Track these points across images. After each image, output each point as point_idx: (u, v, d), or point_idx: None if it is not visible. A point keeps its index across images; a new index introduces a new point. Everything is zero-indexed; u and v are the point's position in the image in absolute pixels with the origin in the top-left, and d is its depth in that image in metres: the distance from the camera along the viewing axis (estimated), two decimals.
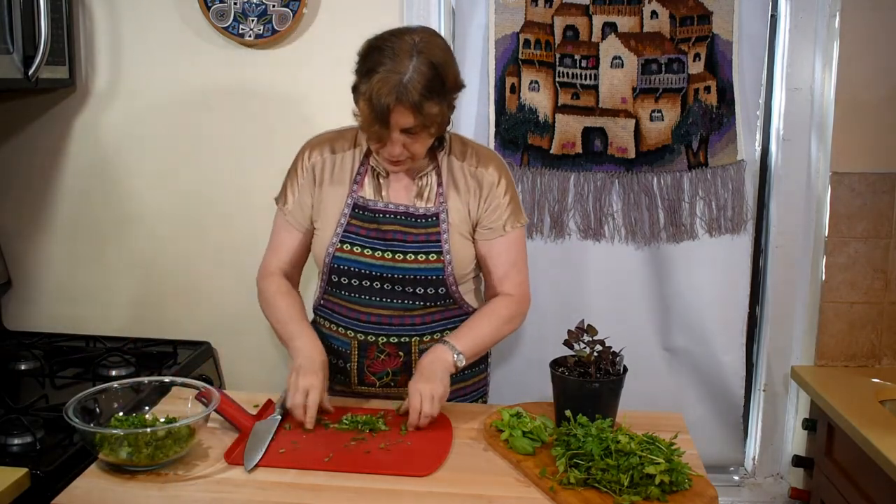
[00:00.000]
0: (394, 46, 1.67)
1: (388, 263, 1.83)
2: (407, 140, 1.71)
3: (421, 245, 1.83)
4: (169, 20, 2.44)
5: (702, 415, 2.54)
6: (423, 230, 1.84)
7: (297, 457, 1.60)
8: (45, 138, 2.53)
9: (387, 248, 1.83)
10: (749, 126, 2.41)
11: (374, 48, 1.70)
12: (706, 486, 1.50)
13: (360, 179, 1.86)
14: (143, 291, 2.60)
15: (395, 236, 1.83)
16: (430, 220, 1.84)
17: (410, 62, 1.65)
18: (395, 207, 1.84)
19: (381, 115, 1.65)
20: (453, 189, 1.86)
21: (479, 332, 1.84)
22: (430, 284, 1.84)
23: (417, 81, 1.64)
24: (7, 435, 1.75)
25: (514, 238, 1.91)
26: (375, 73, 1.65)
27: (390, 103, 1.64)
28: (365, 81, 1.67)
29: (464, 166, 1.87)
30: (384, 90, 1.63)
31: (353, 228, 1.85)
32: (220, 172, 2.52)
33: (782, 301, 2.52)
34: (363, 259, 1.84)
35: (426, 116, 1.67)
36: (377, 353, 1.89)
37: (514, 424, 1.67)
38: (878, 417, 2.05)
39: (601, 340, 1.74)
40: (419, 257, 1.83)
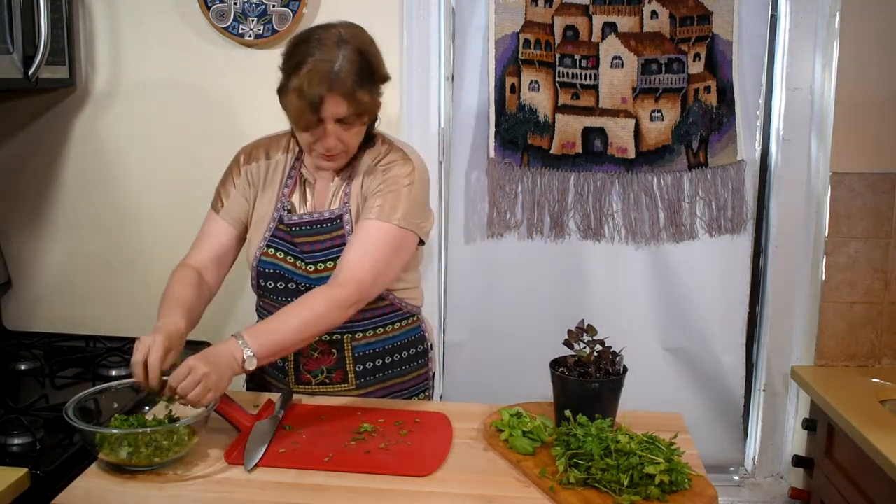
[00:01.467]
0: (320, 38, 1.68)
1: (306, 274, 1.83)
2: (340, 131, 1.71)
3: (328, 252, 1.82)
4: (169, 20, 2.44)
5: (702, 415, 2.54)
6: (328, 235, 1.82)
7: (297, 457, 1.60)
8: (45, 138, 2.53)
9: (301, 258, 1.84)
10: (749, 126, 2.41)
11: (300, 42, 1.71)
12: (706, 486, 1.50)
13: (291, 184, 1.87)
14: (143, 291, 2.60)
15: (304, 248, 1.83)
16: (335, 223, 1.82)
17: (339, 51, 1.66)
18: (300, 217, 1.83)
19: (313, 106, 1.65)
20: (356, 188, 1.83)
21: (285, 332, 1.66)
22: None
23: (348, 69, 1.65)
24: (7, 435, 1.75)
25: (376, 228, 1.74)
26: (304, 65, 1.66)
27: (322, 93, 1.64)
28: (294, 75, 1.67)
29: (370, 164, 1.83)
30: (315, 79, 1.64)
31: (280, 234, 1.85)
32: (220, 172, 2.50)
33: (782, 301, 2.52)
34: (285, 265, 1.85)
35: (359, 104, 1.67)
36: (311, 352, 1.89)
37: (514, 424, 1.67)
38: (878, 417, 2.05)
39: (601, 340, 1.74)
40: (328, 265, 1.81)
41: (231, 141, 2.49)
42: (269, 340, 1.64)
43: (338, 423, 1.74)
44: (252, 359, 1.60)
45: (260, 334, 1.64)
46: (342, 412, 1.79)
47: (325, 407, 1.83)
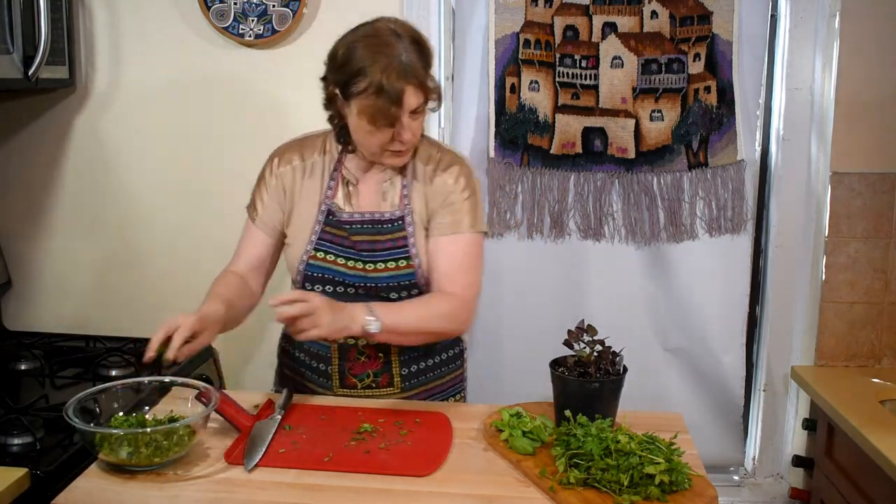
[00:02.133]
0: (376, 35, 1.68)
1: (360, 273, 1.82)
2: (411, 123, 1.71)
3: (389, 252, 1.82)
4: (169, 20, 2.44)
5: (702, 415, 2.54)
6: (389, 235, 1.82)
7: (297, 457, 1.60)
8: (45, 138, 2.53)
9: (357, 258, 1.82)
10: (749, 126, 2.41)
11: (354, 43, 1.70)
12: (706, 486, 1.50)
13: (334, 186, 1.85)
14: (143, 291, 2.60)
15: (363, 246, 1.82)
16: (396, 225, 1.83)
17: (400, 43, 1.66)
18: (361, 216, 1.83)
19: (396, 101, 1.64)
20: (417, 194, 1.84)
21: (407, 313, 1.73)
22: (403, 290, 1.83)
23: (415, 59, 1.66)
24: (7, 435, 1.75)
25: (468, 240, 1.82)
26: (375, 63, 1.64)
27: (402, 86, 1.64)
28: (363, 76, 1.66)
29: (427, 170, 1.84)
30: (394, 74, 1.63)
31: (328, 236, 1.83)
32: (220, 172, 2.52)
33: (782, 301, 2.52)
34: (336, 267, 1.83)
35: (429, 91, 1.69)
36: (357, 356, 1.88)
37: (514, 424, 1.67)
38: (878, 417, 2.05)
39: (601, 340, 1.74)
40: (389, 265, 1.82)
41: (231, 141, 2.50)
42: (395, 317, 1.70)
43: (338, 423, 1.74)
44: (376, 323, 1.66)
45: (388, 309, 1.71)
46: (342, 412, 1.79)
47: (325, 407, 1.83)
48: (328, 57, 1.78)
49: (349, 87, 1.69)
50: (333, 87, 1.75)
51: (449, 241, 1.81)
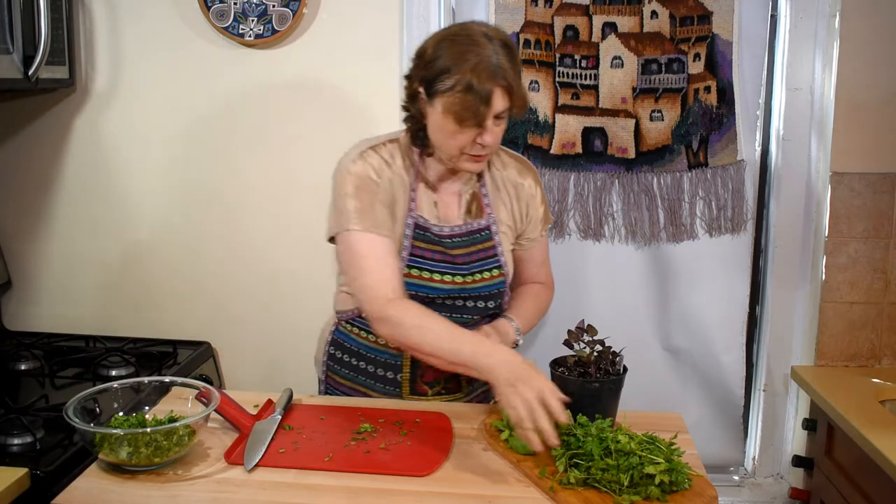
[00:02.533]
0: (468, 34, 1.65)
1: (457, 286, 1.81)
2: (494, 127, 1.68)
3: (483, 262, 1.83)
4: (169, 20, 2.44)
5: (702, 415, 2.54)
6: (480, 245, 1.83)
7: (297, 457, 1.60)
8: (45, 138, 2.53)
9: (455, 272, 1.81)
10: (749, 126, 2.41)
11: (444, 40, 1.66)
12: (706, 486, 1.50)
13: (415, 196, 1.79)
14: (143, 291, 2.60)
15: (463, 259, 1.81)
16: (484, 234, 1.83)
17: (492, 45, 1.63)
18: (460, 229, 1.81)
19: (486, 101, 1.61)
20: (499, 201, 1.86)
21: (530, 313, 1.91)
22: (491, 298, 1.85)
23: (506, 63, 1.63)
24: (7, 435, 1.75)
25: (544, 240, 2.01)
26: (465, 62, 1.61)
27: (492, 87, 1.61)
28: (451, 74, 1.62)
29: (504, 176, 1.87)
30: (484, 74, 1.60)
31: (418, 251, 1.78)
32: (219, 172, 2.52)
33: (782, 301, 2.52)
34: (432, 284, 1.79)
35: (516, 97, 1.65)
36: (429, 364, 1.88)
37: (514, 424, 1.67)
38: (878, 417, 2.05)
39: (601, 340, 1.74)
40: (483, 275, 1.83)
41: (230, 141, 2.50)
42: (524, 322, 1.87)
43: (338, 423, 1.74)
44: (520, 336, 1.84)
45: (520, 318, 1.87)
46: (342, 412, 1.79)
47: (325, 407, 1.83)
48: (415, 54, 1.74)
49: (435, 83, 1.66)
50: (418, 84, 1.71)
51: (535, 246, 1.97)
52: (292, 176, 2.48)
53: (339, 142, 2.43)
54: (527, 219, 1.91)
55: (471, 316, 1.85)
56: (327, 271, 2.47)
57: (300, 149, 2.47)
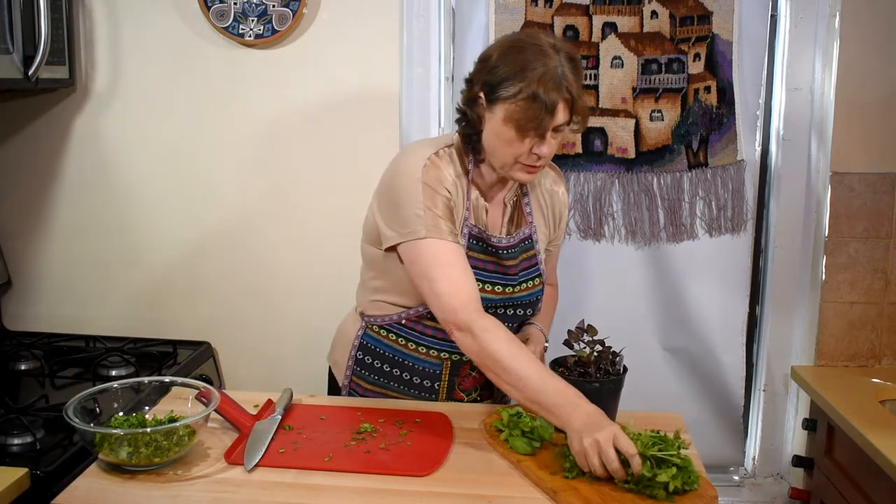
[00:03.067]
0: (536, 43, 1.63)
1: (506, 296, 1.81)
2: (552, 140, 1.66)
3: (527, 272, 1.84)
4: (169, 20, 2.44)
5: (702, 415, 2.54)
6: (525, 255, 1.84)
7: (297, 457, 1.60)
8: (45, 138, 2.53)
9: (507, 283, 1.81)
10: (749, 126, 2.41)
11: (512, 47, 1.65)
12: (706, 486, 1.50)
13: (469, 205, 1.76)
14: (143, 291, 2.60)
15: (516, 270, 1.82)
16: (528, 244, 1.85)
17: (558, 57, 1.62)
18: (516, 240, 1.82)
19: (550, 111, 1.60)
20: (537, 209, 1.88)
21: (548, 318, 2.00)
22: (530, 307, 1.87)
23: (571, 76, 1.62)
24: (7, 435, 1.75)
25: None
26: (533, 70, 1.60)
27: (557, 98, 1.60)
28: (516, 81, 1.61)
29: (542, 184, 1.88)
30: (551, 84, 1.59)
31: (472, 262, 1.73)
32: (219, 172, 2.52)
33: (782, 301, 2.52)
34: (483, 294, 1.74)
35: (578, 110, 1.64)
36: (469, 372, 1.88)
37: (514, 424, 1.67)
38: (878, 417, 2.05)
39: (601, 340, 1.74)
40: (528, 284, 1.84)
41: (230, 141, 2.50)
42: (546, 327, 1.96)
43: (338, 423, 1.74)
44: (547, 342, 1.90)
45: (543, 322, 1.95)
46: (342, 412, 1.79)
47: (325, 407, 1.83)
48: (480, 58, 1.72)
49: (498, 89, 1.63)
50: (479, 88, 1.68)
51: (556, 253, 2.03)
52: (292, 175, 2.48)
53: (339, 142, 2.45)
54: (558, 227, 1.93)
55: (509, 324, 1.83)
56: (328, 271, 2.47)
57: (300, 148, 2.47)
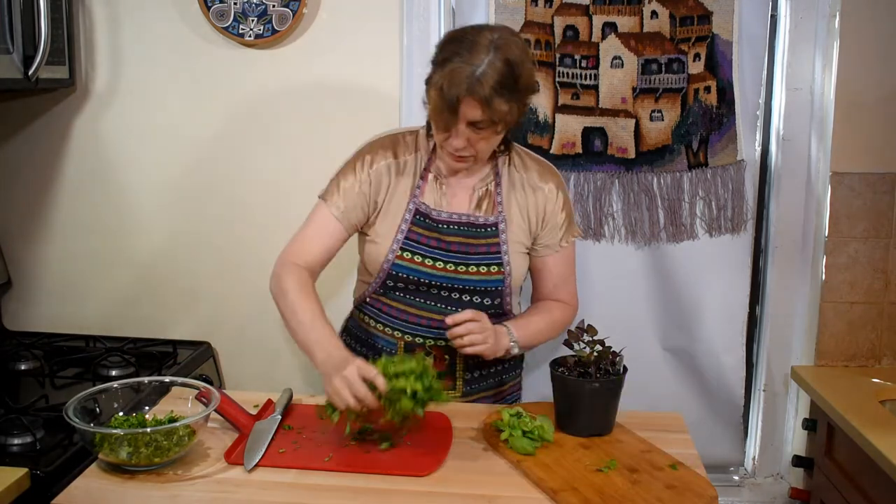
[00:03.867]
0: (472, 39, 1.67)
1: (449, 274, 1.83)
2: (472, 135, 1.70)
3: (482, 256, 1.84)
4: (169, 20, 2.44)
5: (702, 415, 2.53)
6: (483, 240, 1.84)
7: (297, 457, 1.60)
8: (45, 138, 2.53)
9: (448, 260, 1.83)
10: (749, 126, 2.41)
11: (453, 39, 1.71)
12: (706, 486, 1.50)
13: (422, 185, 1.85)
14: (144, 291, 2.60)
15: (458, 248, 1.83)
16: (490, 230, 1.84)
17: (486, 56, 1.65)
18: (459, 217, 1.84)
19: (450, 106, 1.65)
20: (514, 202, 1.86)
21: (536, 327, 1.87)
22: (487, 295, 1.85)
23: (490, 76, 1.64)
24: (7, 435, 1.75)
25: (568, 251, 1.95)
26: (449, 63, 1.65)
27: (460, 94, 1.64)
28: (439, 71, 1.67)
29: (524, 179, 1.88)
30: (456, 80, 1.63)
31: (415, 236, 1.83)
32: (220, 172, 2.52)
33: (782, 301, 2.52)
34: (423, 269, 1.83)
35: (494, 112, 1.66)
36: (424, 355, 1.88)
37: (514, 424, 1.67)
38: (878, 417, 2.05)
39: (601, 340, 1.74)
40: (481, 269, 1.83)
41: (231, 141, 2.50)
42: (527, 335, 1.84)
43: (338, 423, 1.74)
44: (516, 345, 1.81)
45: (522, 329, 1.84)
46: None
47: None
48: None
49: (430, 75, 1.71)
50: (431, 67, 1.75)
51: (553, 258, 1.93)
52: (292, 175, 2.48)
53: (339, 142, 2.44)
54: (543, 223, 1.90)
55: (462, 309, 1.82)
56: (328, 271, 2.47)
57: (300, 148, 2.47)
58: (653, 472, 1.56)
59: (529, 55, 1.75)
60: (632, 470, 1.56)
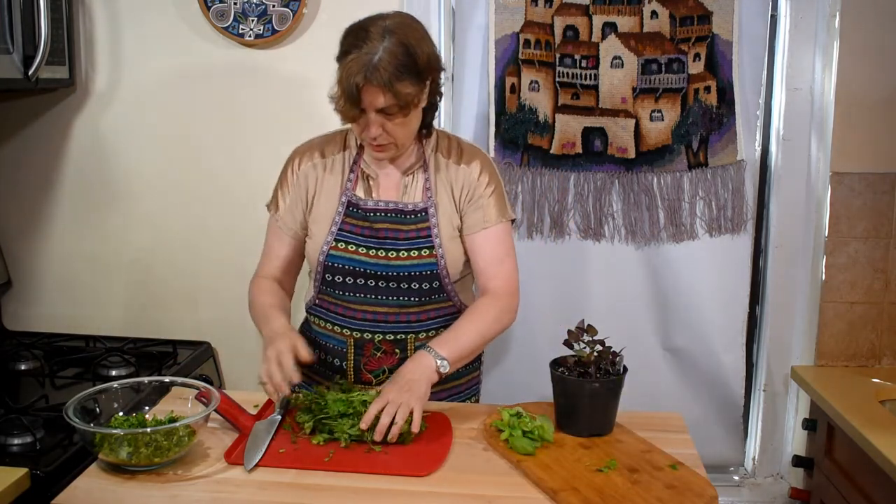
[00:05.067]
0: (367, 29, 1.70)
1: (381, 261, 1.84)
2: (384, 121, 1.73)
3: (412, 241, 1.85)
4: (169, 20, 2.44)
5: (702, 415, 2.53)
6: (412, 226, 1.85)
7: (297, 457, 1.60)
8: (45, 138, 2.53)
9: (380, 247, 1.85)
10: (749, 126, 2.41)
11: (350, 32, 1.74)
12: (706, 486, 1.50)
13: (354, 179, 1.89)
14: (144, 291, 2.60)
15: (387, 234, 1.85)
16: (420, 216, 1.85)
17: (381, 43, 1.68)
18: (385, 205, 1.86)
19: (351, 96, 1.68)
20: (442, 186, 1.87)
21: (464, 337, 1.80)
22: (423, 280, 1.85)
23: (387, 61, 1.66)
24: (7, 435, 1.75)
25: (498, 232, 1.88)
26: (348, 55, 1.69)
27: (359, 82, 1.67)
28: (340, 65, 1.71)
29: (449, 163, 1.89)
30: (353, 70, 1.67)
31: (348, 227, 1.86)
32: (219, 172, 2.52)
33: (782, 301, 2.52)
34: (357, 257, 1.85)
35: (398, 96, 1.69)
36: (373, 351, 1.90)
37: (514, 424, 1.67)
38: (878, 417, 2.05)
39: (601, 340, 1.74)
40: (412, 253, 1.84)
41: (230, 141, 2.50)
42: (456, 346, 1.78)
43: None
44: (445, 363, 1.74)
45: (446, 343, 1.77)
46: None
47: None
48: None
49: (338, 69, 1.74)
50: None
51: (482, 237, 1.88)
52: None
53: None
54: (466, 202, 1.87)
55: (402, 298, 1.86)
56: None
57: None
58: (653, 472, 1.56)
59: (427, 35, 1.77)
60: (632, 470, 1.56)
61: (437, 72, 1.79)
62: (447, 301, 1.90)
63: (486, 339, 1.85)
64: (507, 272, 1.88)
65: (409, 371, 1.73)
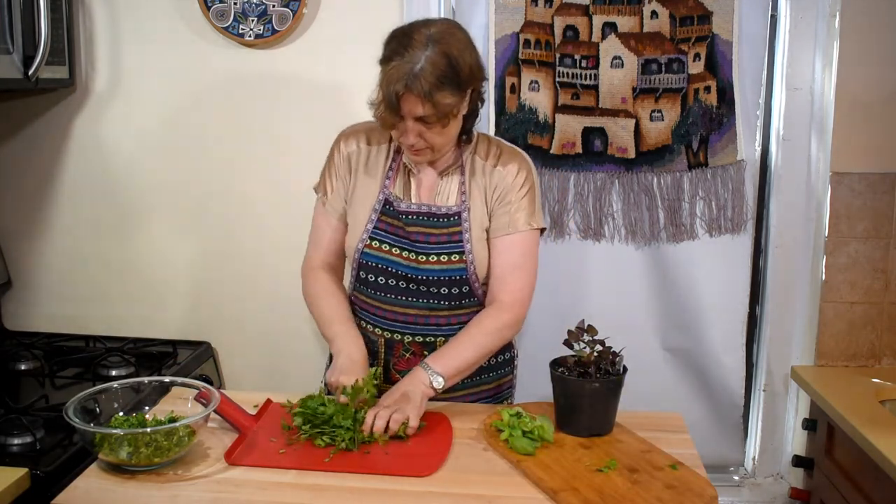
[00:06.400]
0: (412, 36, 1.69)
1: (412, 263, 1.83)
2: (423, 129, 1.72)
3: (443, 246, 1.83)
4: (169, 20, 2.44)
5: (702, 415, 2.54)
6: (444, 230, 1.84)
7: (297, 457, 1.60)
8: (45, 138, 2.53)
9: (411, 249, 1.84)
10: (749, 126, 2.41)
11: (395, 37, 1.73)
12: (706, 486, 1.50)
13: (392, 175, 1.87)
14: (143, 291, 2.60)
15: (418, 237, 1.83)
16: (452, 220, 1.84)
17: (424, 52, 1.66)
18: (418, 207, 1.84)
19: (390, 103, 1.68)
20: (476, 189, 1.86)
21: (461, 353, 1.79)
22: (453, 285, 1.85)
23: (429, 71, 1.65)
24: (7, 435, 1.75)
25: (524, 239, 1.84)
26: (391, 62, 1.68)
27: (399, 91, 1.65)
28: (383, 69, 1.70)
29: (486, 165, 1.87)
30: (394, 78, 1.66)
31: (383, 225, 1.85)
32: (219, 172, 2.52)
33: (782, 301, 2.52)
34: (390, 257, 1.85)
35: (438, 106, 1.67)
36: (403, 352, 1.90)
37: (514, 424, 1.67)
38: (878, 417, 2.05)
39: (601, 340, 1.74)
40: (441, 258, 1.83)
41: (231, 141, 2.50)
42: (450, 363, 1.78)
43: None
44: (439, 378, 1.75)
45: (442, 359, 1.78)
46: None
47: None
48: None
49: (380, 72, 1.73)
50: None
51: (504, 243, 1.85)
52: (293, 176, 2.48)
53: None
54: (496, 203, 1.84)
55: (432, 301, 1.86)
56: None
57: (300, 149, 2.47)
58: (653, 472, 1.56)
59: (471, 44, 1.75)
60: (632, 470, 1.56)
61: (480, 81, 1.77)
62: (478, 305, 1.89)
63: (486, 353, 1.85)
64: (518, 283, 1.85)
65: (404, 385, 1.75)
